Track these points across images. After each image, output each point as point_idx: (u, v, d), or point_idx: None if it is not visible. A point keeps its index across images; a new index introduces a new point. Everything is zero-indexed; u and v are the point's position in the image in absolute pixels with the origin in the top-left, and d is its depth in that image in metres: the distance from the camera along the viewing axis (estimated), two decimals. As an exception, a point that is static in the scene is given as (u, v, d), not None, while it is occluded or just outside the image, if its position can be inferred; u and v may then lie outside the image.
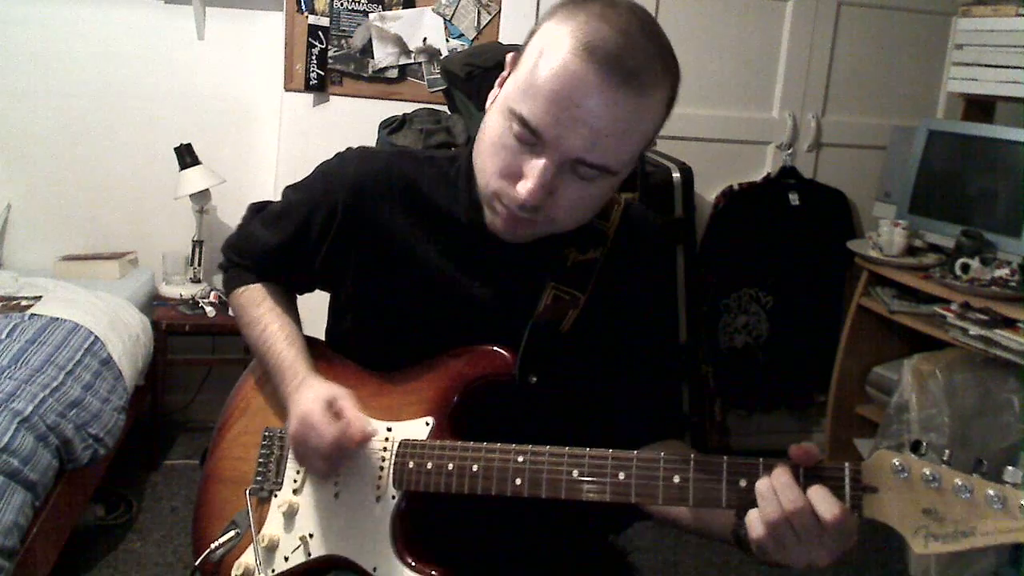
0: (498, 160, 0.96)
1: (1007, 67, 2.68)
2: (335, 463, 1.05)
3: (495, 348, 1.05)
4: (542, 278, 1.08)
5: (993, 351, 2.34)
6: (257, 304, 1.21)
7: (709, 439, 3.10)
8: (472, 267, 1.09)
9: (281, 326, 1.17)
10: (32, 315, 2.36)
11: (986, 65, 2.75)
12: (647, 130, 0.95)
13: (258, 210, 1.26)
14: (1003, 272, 2.43)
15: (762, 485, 0.86)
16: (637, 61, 0.89)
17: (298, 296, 1.28)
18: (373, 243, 1.10)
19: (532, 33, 0.96)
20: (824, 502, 0.83)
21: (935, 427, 2.45)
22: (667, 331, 1.19)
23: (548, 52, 0.91)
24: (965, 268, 2.49)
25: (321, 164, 1.17)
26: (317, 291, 1.25)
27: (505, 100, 0.95)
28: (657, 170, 2.80)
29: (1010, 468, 0.80)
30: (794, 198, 3.12)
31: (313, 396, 1.06)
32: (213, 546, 1.12)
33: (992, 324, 2.34)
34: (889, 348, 2.91)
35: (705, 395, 3.08)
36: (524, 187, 0.93)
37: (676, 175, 2.79)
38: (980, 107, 2.93)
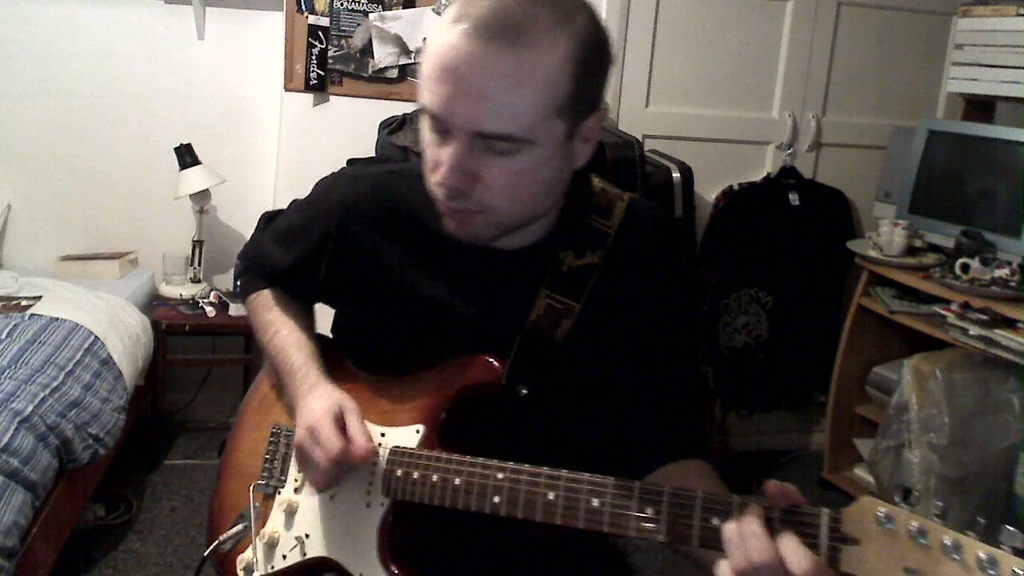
0: (427, 159, 0.96)
1: (1007, 67, 2.68)
2: (333, 478, 1.04)
3: (484, 357, 1.03)
4: (535, 285, 1.06)
5: (993, 351, 2.34)
6: (268, 308, 1.21)
7: (710, 440, 3.10)
8: (461, 281, 1.08)
9: (291, 330, 1.17)
10: (32, 315, 2.36)
11: (986, 65, 2.75)
12: (548, 89, 0.89)
13: (269, 219, 1.27)
14: (1003, 272, 2.43)
15: (729, 531, 0.81)
16: (510, 15, 0.87)
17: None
18: (361, 268, 1.11)
19: None
20: (795, 554, 0.77)
21: (935, 427, 2.45)
22: (677, 337, 1.12)
23: (430, 39, 0.92)
24: (965, 268, 2.49)
25: (320, 182, 1.18)
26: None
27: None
28: (657, 170, 2.80)
29: (1009, 528, 0.72)
30: (794, 198, 3.12)
31: (321, 406, 1.04)
32: (222, 538, 1.14)
33: (992, 324, 2.34)
34: (889, 348, 2.91)
35: (705, 395, 3.08)
36: (439, 173, 0.93)
37: (676, 175, 2.79)
38: (980, 107, 2.93)
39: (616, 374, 1.08)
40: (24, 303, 2.46)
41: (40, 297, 2.52)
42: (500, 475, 0.95)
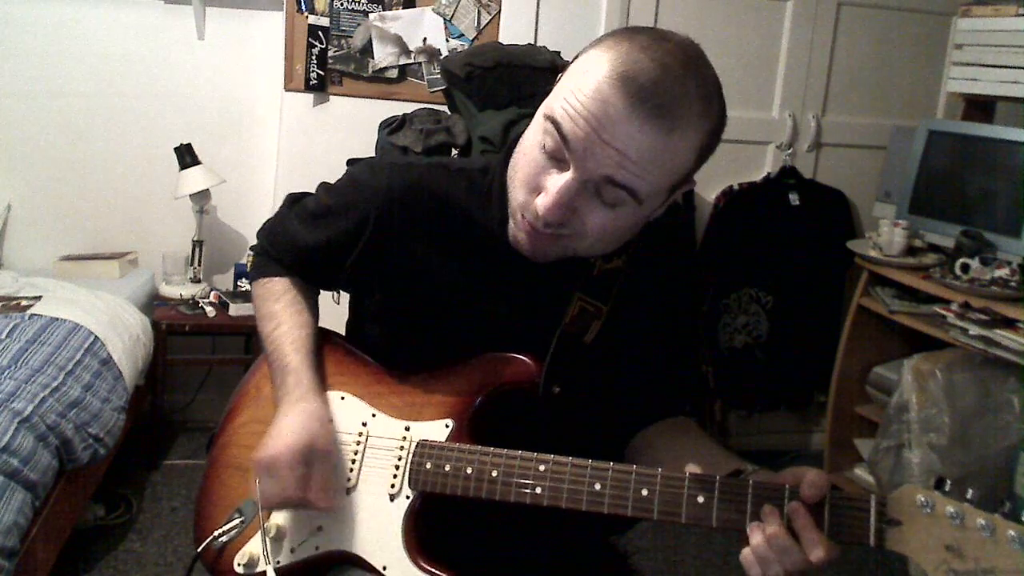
0: (527, 172, 0.97)
1: (1007, 67, 2.68)
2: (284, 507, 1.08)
3: (521, 356, 1.05)
4: (569, 288, 1.09)
5: (993, 351, 2.34)
6: (276, 299, 1.20)
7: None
8: (499, 282, 1.08)
9: (292, 327, 1.16)
10: (32, 315, 2.35)
11: (986, 65, 2.75)
12: (676, 168, 0.95)
13: (295, 201, 1.24)
14: (1003, 272, 2.43)
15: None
16: (669, 97, 0.89)
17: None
18: (399, 259, 1.10)
19: (578, 56, 0.97)
20: (812, 544, 0.86)
21: (935, 427, 2.45)
22: (683, 328, 1.19)
23: (587, 75, 0.92)
24: (965, 268, 2.49)
25: (353, 169, 1.17)
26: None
27: (543, 111, 0.96)
28: (657, 170, 2.80)
29: None
30: (794, 198, 3.12)
31: (290, 435, 1.04)
32: (216, 533, 1.12)
33: (992, 324, 2.34)
34: (889, 348, 2.91)
35: (705, 395, 3.08)
36: (543, 201, 0.94)
37: (676, 175, 2.79)
38: (980, 107, 2.93)
39: (634, 368, 1.14)
40: (24, 303, 2.46)
41: (40, 297, 2.52)
42: (542, 467, 0.98)
